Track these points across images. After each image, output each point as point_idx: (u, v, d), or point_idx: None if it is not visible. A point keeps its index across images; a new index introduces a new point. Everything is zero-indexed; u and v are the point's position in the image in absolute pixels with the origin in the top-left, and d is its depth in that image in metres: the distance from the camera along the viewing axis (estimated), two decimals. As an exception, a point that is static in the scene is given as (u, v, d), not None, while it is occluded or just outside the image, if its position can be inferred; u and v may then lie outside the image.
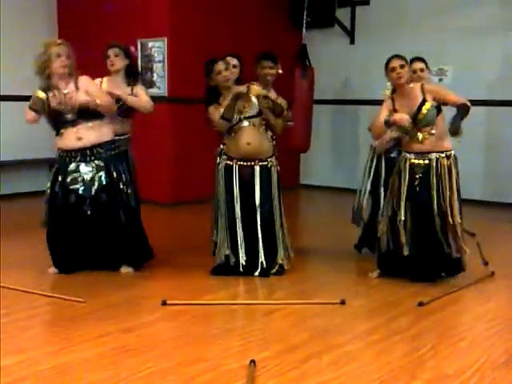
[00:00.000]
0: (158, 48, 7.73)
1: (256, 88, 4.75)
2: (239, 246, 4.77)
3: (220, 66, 4.69)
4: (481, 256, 5.39)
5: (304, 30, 8.37)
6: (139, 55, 7.81)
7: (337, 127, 9.23)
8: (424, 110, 4.52)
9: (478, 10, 7.89)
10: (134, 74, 5.16)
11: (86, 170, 4.70)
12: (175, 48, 7.68)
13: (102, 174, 4.72)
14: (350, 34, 8.99)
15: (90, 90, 4.68)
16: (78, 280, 4.68)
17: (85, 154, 4.70)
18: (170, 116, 7.73)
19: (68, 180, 4.69)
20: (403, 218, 4.60)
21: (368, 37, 8.72)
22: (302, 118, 8.00)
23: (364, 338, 3.62)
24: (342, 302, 4.17)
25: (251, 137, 4.72)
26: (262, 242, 4.76)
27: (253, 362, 3.17)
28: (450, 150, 4.66)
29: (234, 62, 5.00)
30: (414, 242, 4.61)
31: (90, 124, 4.67)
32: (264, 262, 4.76)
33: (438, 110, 4.58)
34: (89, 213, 4.70)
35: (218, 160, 4.91)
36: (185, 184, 7.86)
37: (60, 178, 4.71)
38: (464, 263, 4.73)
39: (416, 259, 4.64)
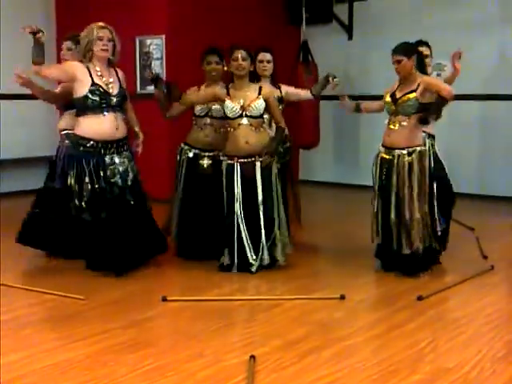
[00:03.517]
0: (156, 45, 7.72)
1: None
2: (235, 246, 4.74)
3: (239, 52, 4.71)
4: (480, 250, 5.40)
5: (304, 25, 8.36)
6: (137, 53, 7.82)
7: (337, 123, 9.22)
8: (406, 98, 4.60)
9: (476, 5, 7.89)
10: None
11: (119, 161, 4.68)
12: (173, 45, 7.67)
13: (133, 163, 4.77)
14: (348, 29, 8.98)
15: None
16: (78, 277, 4.67)
17: (119, 145, 4.69)
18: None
19: (108, 174, 4.64)
20: (375, 210, 4.76)
21: (366, 32, 8.71)
22: (309, 114, 8.01)
23: (364, 333, 3.63)
24: (342, 297, 4.18)
25: (249, 136, 4.73)
26: (265, 238, 4.76)
27: (253, 357, 3.18)
28: (415, 147, 4.65)
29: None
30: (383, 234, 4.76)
31: (123, 114, 4.71)
32: (266, 259, 4.77)
33: (421, 109, 4.58)
34: (132, 202, 4.73)
35: (180, 157, 5.15)
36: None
37: (102, 174, 4.62)
38: (421, 262, 4.71)
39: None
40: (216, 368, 3.13)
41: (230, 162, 4.79)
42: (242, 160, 4.76)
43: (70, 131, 4.86)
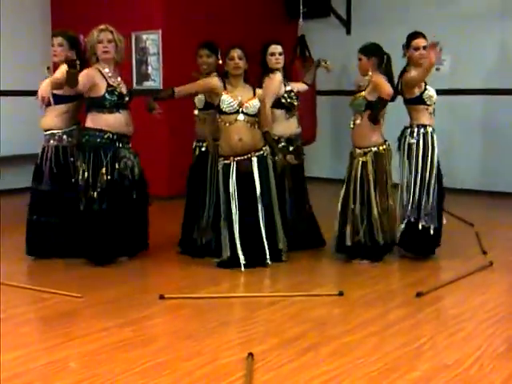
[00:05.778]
0: (152, 41, 7.70)
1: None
2: (237, 245, 4.72)
3: (235, 52, 4.73)
4: (479, 246, 5.38)
5: (301, 20, 8.32)
6: (133, 48, 7.78)
7: (335, 118, 9.18)
8: (355, 96, 4.80)
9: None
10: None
11: (129, 156, 4.85)
12: (170, 40, 7.65)
13: (138, 160, 4.93)
14: (346, 23, 8.94)
15: None
16: (75, 275, 4.66)
17: (128, 141, 4.88)
18: (164, 108, 7.64)
19: (121, 166, 4.78)
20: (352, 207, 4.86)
21: (364, 27, 8.66)
22: (305, 109, 7.97)
23: (362, 330, 3.60)
24: (340, 294, 4.16)
25: (243, 132, 4.72)
26: (265, 232, 4.74)
27: (251, 354, 3.15)
28: (371, 147, 4.76)
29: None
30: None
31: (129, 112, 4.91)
32: (268, 253, 4.74)
33: (369, 107, 4.69)
34: (135, 197, 4.86)
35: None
36: (181, 177, 7.81)
37: (117, 166, 4.77)
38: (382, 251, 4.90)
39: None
40: (214, 366, 3.11)
41: (226, 162, 4.78)
42: (239, 158, 4.75)
43: (54, 131, 4.91)
